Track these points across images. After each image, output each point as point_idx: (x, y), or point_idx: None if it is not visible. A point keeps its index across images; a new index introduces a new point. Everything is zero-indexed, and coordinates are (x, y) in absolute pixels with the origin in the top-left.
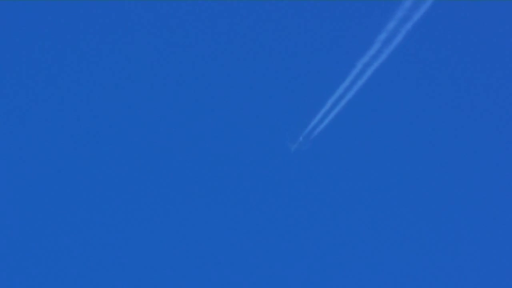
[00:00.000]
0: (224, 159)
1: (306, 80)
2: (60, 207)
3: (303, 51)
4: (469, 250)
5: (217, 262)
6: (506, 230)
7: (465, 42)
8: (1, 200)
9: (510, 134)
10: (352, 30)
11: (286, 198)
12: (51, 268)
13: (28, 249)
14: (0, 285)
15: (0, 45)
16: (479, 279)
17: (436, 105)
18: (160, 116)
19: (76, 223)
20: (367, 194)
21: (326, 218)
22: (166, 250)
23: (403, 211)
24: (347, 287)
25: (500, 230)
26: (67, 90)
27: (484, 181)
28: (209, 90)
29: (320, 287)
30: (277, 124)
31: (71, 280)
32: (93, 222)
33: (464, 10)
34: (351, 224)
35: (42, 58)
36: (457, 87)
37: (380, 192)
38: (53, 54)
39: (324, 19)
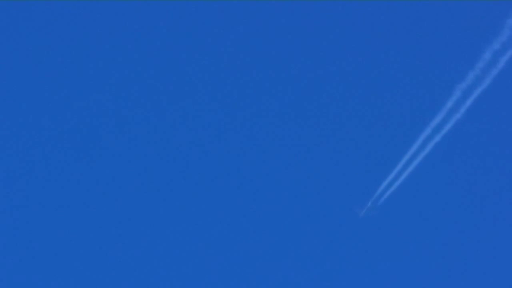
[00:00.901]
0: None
1: (375, 145)
2: (60, 207)
3: (374, 115)
4: (469, 250)
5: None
6: (506, 230)
7: None
8: (1, 200)
9: None
10: (418, 100)
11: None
12: (51, 268)
13: (28, 249)
14: (0, 285)
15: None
16: (479, 279)
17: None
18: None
19: (76, 223)
20: (428, 262)
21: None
22: (162, 253)
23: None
24: None
25: (500, 230)
26: (67, 90)
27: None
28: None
29: None
30: (346, 189)
31: (71, 280)
32: (93, 222)
33: None
34: None
35: (42, 58)
36: None
37: (445, 263)
38: (53, 54)
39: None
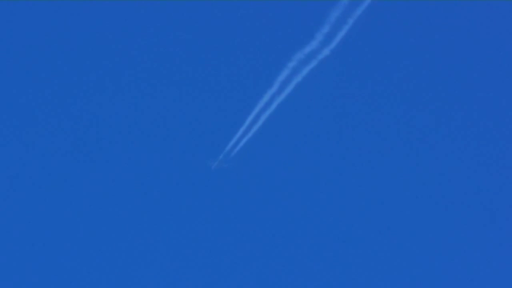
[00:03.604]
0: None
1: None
2: (60, 207)
3: (225, 65)
4: (469, 250)
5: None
6: (506, 230)
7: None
8: (1, 200)
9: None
10: (263, 54)
11: (207, 215)
12: (51, 268)
13: (28, 249)
14: (0, 285)
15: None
16: (479, 279)
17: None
18: None
19: (76, 223)
20: (284, 208)
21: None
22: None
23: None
24: None
25: (500, 230)
26: (66, 90)
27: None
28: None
29: None
30: (197, 142)
31: (71, 280)
32: (93, 222)
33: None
34: (277, 238)
35: (42, 58)
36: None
37: (296, 209)
38: (52, 54)
39: (240, 33)
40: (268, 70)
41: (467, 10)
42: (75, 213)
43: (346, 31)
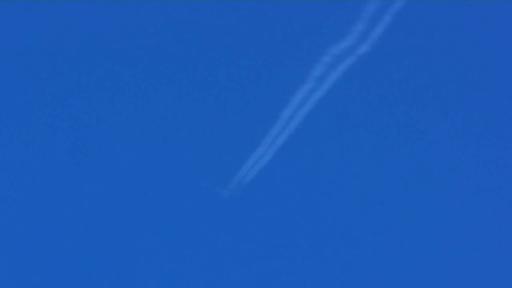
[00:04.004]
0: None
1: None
2: (60, 207)
3: (240, 88)
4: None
5: None
6: (506, 230)
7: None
8: (1, 200)
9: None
10: (267, 90)
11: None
12: (51, 268)
13: (28, 249)
14: (0, 285)
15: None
16: (479, 279)
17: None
18: None
19: (75, 224)
20: (295, 237)
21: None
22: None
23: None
24: None
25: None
26: (66, 90)
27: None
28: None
29: None
30: (208, 171)
31: (71, 280)
32: (92, 223)
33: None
34: (284, 267)
35: (42, 58)
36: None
37: (309, 236)
38: (52, 54)
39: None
40: (286, 86)
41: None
42: (75, 214)
43: (383, 26)
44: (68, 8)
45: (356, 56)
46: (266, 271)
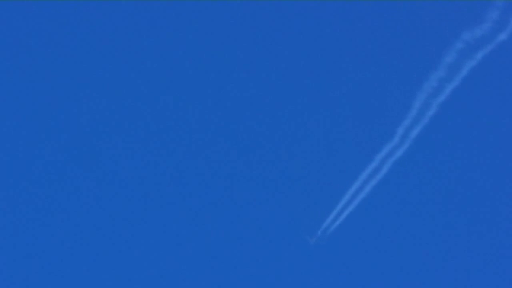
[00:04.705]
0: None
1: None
2: (60, 208)
3: (319, 146)
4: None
5: None
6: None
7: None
8: (1, 200)
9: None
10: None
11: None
12: (51, 268)
13: (27, 249)
14: (0, 285)
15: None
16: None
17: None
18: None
19: (75, 224)
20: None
21: None
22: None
23: None
24: None
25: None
26: (66, 90)
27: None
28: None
29: None
30: (295, 218)
31: (71, 280)
32: (92, 223)
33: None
34: None
35: (42, 58)
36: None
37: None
38: (52, 54)
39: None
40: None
41: None
42: (75, 216)
43: None
44: (68, 8)
45: (492, 44)
46: None
